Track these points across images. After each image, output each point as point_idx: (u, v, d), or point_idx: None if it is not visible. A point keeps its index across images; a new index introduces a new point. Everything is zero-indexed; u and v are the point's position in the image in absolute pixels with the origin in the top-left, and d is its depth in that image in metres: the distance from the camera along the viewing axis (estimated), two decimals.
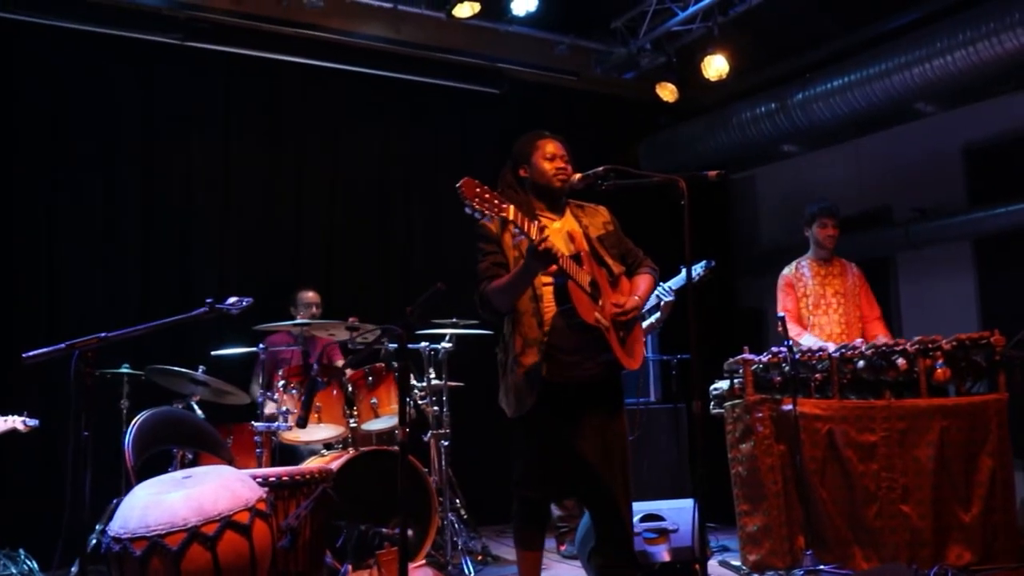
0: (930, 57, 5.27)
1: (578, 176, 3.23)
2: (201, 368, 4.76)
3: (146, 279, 5.67)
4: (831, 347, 4.41)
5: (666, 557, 4.28)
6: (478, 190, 2.77)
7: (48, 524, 4.48)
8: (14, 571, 4.44)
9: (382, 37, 6.28)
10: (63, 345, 2.39)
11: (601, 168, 3.14)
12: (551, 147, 3.29)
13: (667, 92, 6.69)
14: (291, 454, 5.05)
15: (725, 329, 7.25)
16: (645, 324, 4.97)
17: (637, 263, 3.47)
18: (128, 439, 3.06)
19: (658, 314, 4.91)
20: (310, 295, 5.45)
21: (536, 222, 2.92)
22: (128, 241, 5.68)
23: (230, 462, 3.37)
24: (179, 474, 2.52)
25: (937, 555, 4.10)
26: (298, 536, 2.56)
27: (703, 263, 5.05)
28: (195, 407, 4.90)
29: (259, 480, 2.59)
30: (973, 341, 4.29)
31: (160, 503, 2.31)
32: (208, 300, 2.73)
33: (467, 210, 2.73)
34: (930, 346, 4.28)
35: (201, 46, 5.73)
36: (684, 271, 4.94)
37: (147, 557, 2.26)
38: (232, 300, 2.80)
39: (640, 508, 4.36)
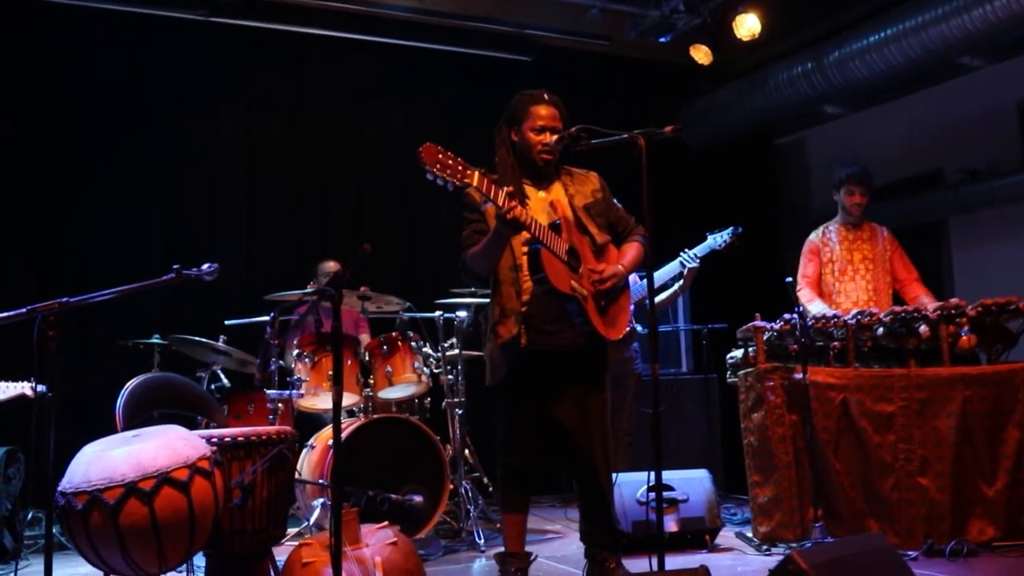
0: (967, 8, 4.98)
1: (554, 138, 3.17)
2: (222, 338, 4.88)
3: (172, 254, 5.80)
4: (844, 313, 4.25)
5: (674, 527, 4.22)
6: (440, 156, 2.75)
7: None
8: None
9: (406, 7, 6.25)
10: (24, 310, 2.47)
11: (573, 128, 3.07)
12: (542, 116, 3.20)
13: (701, 54, 6.50)
14: (313, 421, 5.14)
15: (772, 298, 7.08)
16: (667, 293, 4.90)
17: (627, 231, 3.41)
18: (119, 404, 3.16)
19: (681, 282, 4.82)
20: (330, 265, 5.50)
21: (504, 188, 2.89)
22: (154, 215, 5.86)
23: (223, 426, 3.46)
24: (130, 433, 2.60)
25: (957, 529, 3.94)
26: (250, 495, 2.62)
27: (729, 230, 4.94)
28: (221, 375, 5.04)
29: (215, 440, 2.65)
30: (1000, 307, 4.10)
31: (102, 459, 2.40)
32: (175, 266, 2.79)
33: (428, 176, 2.72)
34: (953, 312, 4.09)
35: (225, 21, 5.82)
36: (704, 249, 4.88)
37: (88, 511, 2.35)
38: (205, 267, 2.86)
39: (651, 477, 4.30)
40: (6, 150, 5.54)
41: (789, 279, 4.10)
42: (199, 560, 3.00)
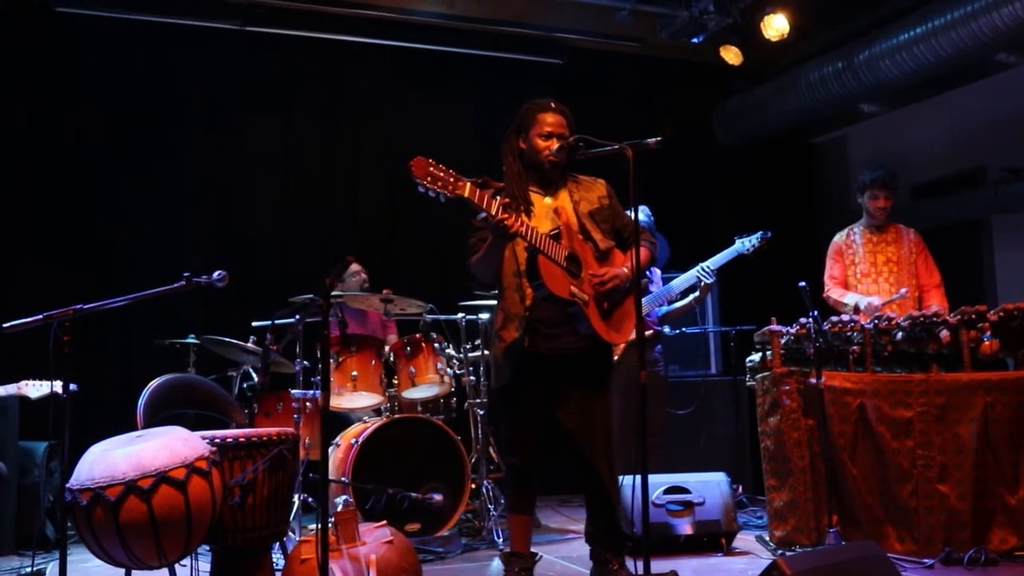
0: (996, 6, 4.87)
1: (556, 146, 3.23)
2: (252, 338, 5.02)
3: (208, 257, 5.94)
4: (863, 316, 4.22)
5: (689, 530, 4.23)
6: (431, 168, 2.82)
7: None
8: None
9: (436, 13, 6.35)
10: (41, 316, 2.61)
11: (572, 138, 3.15)
12: (549, 123, 3.26)
13: (731, 55, 6.46)
14: (341, 421, 5.26)
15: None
16: (682, 303, 4.92)
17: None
18: (140, 404, 3.30)
19: (696, 294, 4.87)
20: (353, 266, 5.60)
21: (498, 199, 2.96)
22: (192, 219, 6.06)
23: (241, 425, 3.59)
24: (134, 434, 2.74)
25: (977, 538, 3.85)
26: (250, 493, 2.73)
27: (758, 234, 4.92)
28: (252, 374, 5.19)
29: (217, 440, 2.77)
30: (1022, 311, 3.99)
31: (105, 458, 2.54)
32: (185, 274, 2.91)
33: (420, 189, 2.79)
34: (974, 317, 4.01)
35: (259, 30, 5.98)
36: (727, 256, 4.87)
37: (91, 507, 2.50)
38: (215, 275, 2.97)
39: (667, 480, 4.33)
40: (50, 157, 5.78)
41: (803, 284, 4.08)
42: (203, 553, 3.12)
